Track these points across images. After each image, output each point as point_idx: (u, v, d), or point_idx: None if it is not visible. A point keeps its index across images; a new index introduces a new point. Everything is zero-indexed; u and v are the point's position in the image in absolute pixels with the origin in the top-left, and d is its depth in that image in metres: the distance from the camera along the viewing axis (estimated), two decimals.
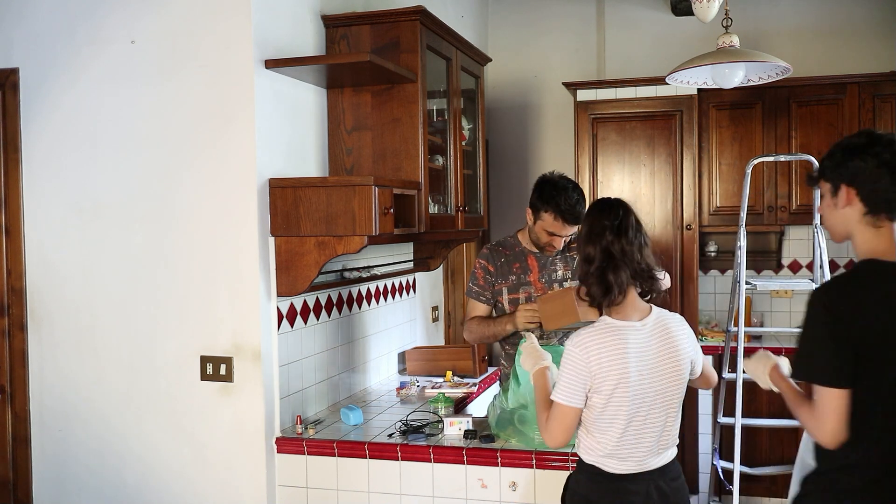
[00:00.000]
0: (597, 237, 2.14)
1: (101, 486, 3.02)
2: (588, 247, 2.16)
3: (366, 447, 2.77)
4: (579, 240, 2.25)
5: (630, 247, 2.12)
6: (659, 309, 2.23)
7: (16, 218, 3.06)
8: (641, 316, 2.17)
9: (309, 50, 3.11)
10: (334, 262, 3.23)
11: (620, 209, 2.18)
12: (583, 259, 2.18)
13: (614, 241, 2.12)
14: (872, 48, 4.87)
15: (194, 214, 2.87)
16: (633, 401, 2.09)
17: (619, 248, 2.12)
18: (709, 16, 3.78)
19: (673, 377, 2.16)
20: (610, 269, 2.11)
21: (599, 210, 2.20)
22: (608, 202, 2.22)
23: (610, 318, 2.15)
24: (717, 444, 4.08)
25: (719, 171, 4.73)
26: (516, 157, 5.42)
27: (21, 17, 3.03)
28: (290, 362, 2.98)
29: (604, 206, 2.20)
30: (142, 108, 2.91)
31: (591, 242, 2.15)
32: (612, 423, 2.10)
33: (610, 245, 2.12)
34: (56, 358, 3.05)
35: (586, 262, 2.16)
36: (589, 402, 2.12)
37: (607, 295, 2.12)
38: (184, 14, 2.85)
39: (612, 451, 2.12)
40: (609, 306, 2.15)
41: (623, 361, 2.08)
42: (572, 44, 5.36)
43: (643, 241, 2.16)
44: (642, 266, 2.14)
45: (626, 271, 2.12)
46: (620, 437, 2.11)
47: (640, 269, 2.14)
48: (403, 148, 3.13)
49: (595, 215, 2.19)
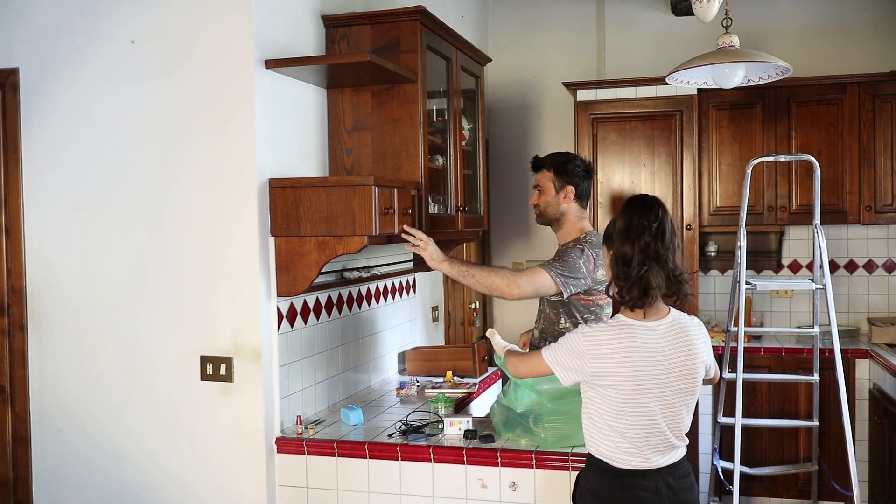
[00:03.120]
0: (635, 237, 2.07)
1: (101, 486, 3.02)
2: (625, 246, 2.08)
3: (366, 447, 2.77)
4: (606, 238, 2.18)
5: (665, 251, 2.07)
6: (677, 311, 2.20)
7: (16, 218, 3.06)
8: (658, 317, 2.14)
9: (309, 50, 3.11)
10: (334, 262, 3.23)
11: (659, 209, 2.11)
12: (618, 258, 2.11)
13: (652, 243, 2.06)
14: (872, 48, 4.87)
15: (194, 214, 2.87)
16: (642, 399, 2.09)
17: (654, 250, 2.06)
18: (709, 16, 3.77)
19: (686, 378, 2.14)
20: (650, 272, 2.05)
21: (638, 208, 2.12)
22: (646, 200, 2.14)
23: (623, 316, 2.14)
24: (717, 444, 4.08)
25: (719, 171, 4.73)
26: (516, 157, 5.42)
27: (21, 17, 3.03)
28: (290, 362, 2.98)
29: (643, 204, 2.12)
30: (142, 107, 2.91)
31: (629, 241, 2.08)
32: (618, 418, 2.11)
33: (647, 246, 2.06)
34: (56, 358, 3.05)
35: (623, 262, 2.09)
36: (595, 396, 2.13)
37: (644, 297, 2.07)
38: (184, 14, 2.85)
39: (620, 447, 2.12)
40: (641, 308, 2.11)
41: (630, 359, 2.07)
42: (572, 44, 5.36)
43: (676, 245, 2.12)
44: (676, 273, 2.10)
45: (661, 275, 2.07)
46: (627, 433, 2.11)
47: (673, 274, 2.09)
48: (403, 148, 3.13)
49: (632, 213, 2.12)
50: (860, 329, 4.86)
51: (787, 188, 4.65)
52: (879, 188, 4.57)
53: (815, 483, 4.23)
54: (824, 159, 4.52)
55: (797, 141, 4.65)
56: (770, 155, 4.44)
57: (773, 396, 4.52)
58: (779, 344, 4.58)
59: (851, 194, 4.58)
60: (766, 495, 4.57)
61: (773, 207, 4.67)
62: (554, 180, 2.94)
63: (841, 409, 3.63)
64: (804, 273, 4.97)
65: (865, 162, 4.57)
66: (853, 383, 4.39)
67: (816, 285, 3.79)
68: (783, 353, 4.50)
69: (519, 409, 2.68)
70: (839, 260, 4.93)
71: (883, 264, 4.87)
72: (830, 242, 4.84)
